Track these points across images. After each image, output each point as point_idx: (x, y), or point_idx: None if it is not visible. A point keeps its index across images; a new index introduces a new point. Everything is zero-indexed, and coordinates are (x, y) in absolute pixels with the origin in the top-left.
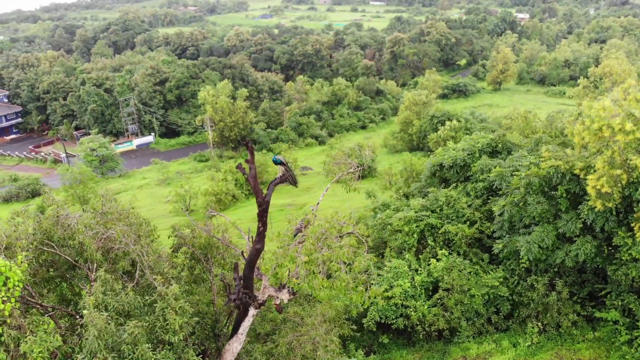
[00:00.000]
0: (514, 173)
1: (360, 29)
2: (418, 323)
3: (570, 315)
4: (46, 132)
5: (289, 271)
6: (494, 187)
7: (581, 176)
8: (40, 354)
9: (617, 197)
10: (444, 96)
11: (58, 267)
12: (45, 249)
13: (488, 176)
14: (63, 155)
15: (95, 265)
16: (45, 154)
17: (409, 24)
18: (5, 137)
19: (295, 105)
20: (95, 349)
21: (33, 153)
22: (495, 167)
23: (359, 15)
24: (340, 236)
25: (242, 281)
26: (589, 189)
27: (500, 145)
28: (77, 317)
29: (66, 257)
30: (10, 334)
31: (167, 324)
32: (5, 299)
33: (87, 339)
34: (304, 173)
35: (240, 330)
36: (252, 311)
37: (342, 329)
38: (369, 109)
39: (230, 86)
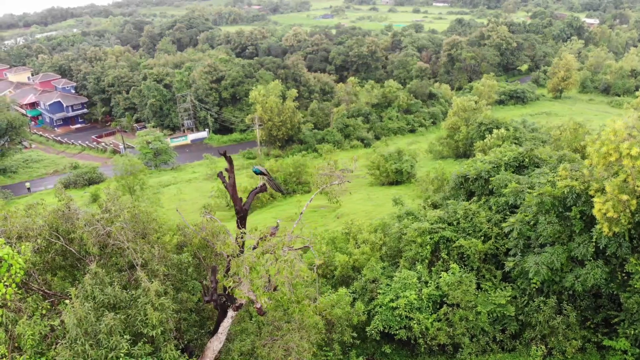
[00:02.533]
0: (529, 190)
1: (420, 30)
2: (420, 336)
3: (574, 342)
4: (109, 123)
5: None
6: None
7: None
8: (32, 336)
9: (625, 223)
10: (500, 102)
11: (68, 257)
12: (52, 239)
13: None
14: (121, 146)
15: (95, 258)
16: (106, 144)
17: (470, 27)
18: (71, 127)
19: (343, 107)
20: (74, 336)
21: (95, 143)
22: (511, 183)
23: (421, 17)
24: (299, 249)
25: (217, 284)
26: (595, 212)
27: (527, 160)
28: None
29: (71, 248)
30: (8, 316)
31: (146, 318)
32: (7, 284)
33: (68, 326)
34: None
35: (220, 330)
36: (230, 313)
37: (342, 335)
38: (419, 113)
39: (280, 86)
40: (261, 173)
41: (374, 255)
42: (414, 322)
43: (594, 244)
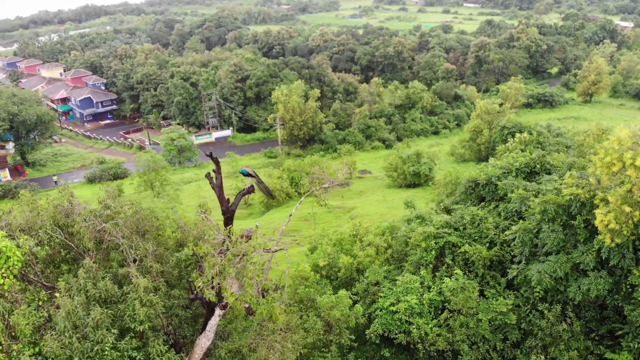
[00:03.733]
0: (532, 198)
1: (449, 31)
2: (419, 341)
3: (575, 353)
4: (137, 119)
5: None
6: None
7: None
8: (26, 326)
9: (627, 234)
10: (528, 105)
11: (71, 251)
12: (52, 234)
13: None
14: (147, 142)
15: (93, 253)
16: (133, 140)
17: (499, 28)
18: (100, 122)
19: (365, 108)
20: (62, 328)
21: (122, 138)
22: (518, 189)
23: (451, 17)
24: (273, 251)
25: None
26: (597, 223)
27: (538, 166)
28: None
29: (70, 243)
30: (5, 306)
31: (135, 314)
32: (5, 275)
33: (57, 318)
34: (362, 176)
35: (208, 328)
36: (217, 311)
37: (341, 337)
38: (443, 114)
39: (303, 86)
40: (249, 175)
41: (379, 258)
42: (414, 326)
43: (596, 254)
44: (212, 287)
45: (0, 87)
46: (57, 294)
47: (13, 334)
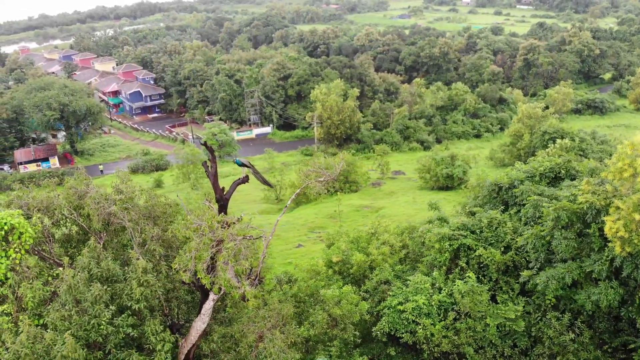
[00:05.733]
0: (545, 204)
1: (500, 32)
2: (424, 341)
3: None
4: (183, 114)
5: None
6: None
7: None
8: (31, 299)
9: (638, 242)
10: (577, 111)
11: (87, 233)
12: (66, 214)
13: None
14: (190, 136)
15: (103, 234)
16: (177, 134)
17: (551, 31)
18: (148, 115)
19: (405, 108)
20: (64, 301)
21: (167, 132)
22: (534, 194)
23: (502, 19)
24: (251, 239)
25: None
26: (606, 231)
27: (563, 172)
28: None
29: (82, 224)
30: (15, 279)
31: (132, 293)
32: (17, 250)
33: (60, 292)
34: (394, 177)
35: (202, 312)
36: (212, 296)
37: (345, 332)
38: (486, 117)
39: (342, 85)
40: (244, 165)
41: (393, 257)
42: (420, 327)
43: (608, 263)
44: (187, 271)
45: (52, 79)
46: (60, 269)
47: (23, 305)
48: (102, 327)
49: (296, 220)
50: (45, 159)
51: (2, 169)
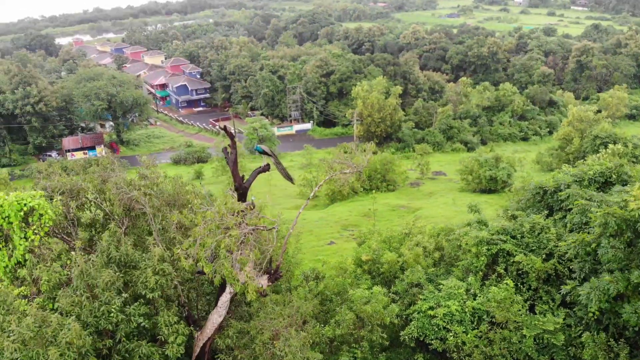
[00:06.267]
0: (592, 210)
1: (552, 34)
2: (455, 350)
3: None
4: (227, 108)
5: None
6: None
7: None
8: (46, 282)
9: None
10: (631, 117)
11: (110, 217)
12: (90, 198)
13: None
14: (233, 130)
15: (125, 220)
16: (220, 128)
17: (607, 33)
18: (193, 109)
19: (449, 107)
20: (77, 285)
21: (211, 125)
22: (580, 198)
23: (556, 20)
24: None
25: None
26: None
27: (614, 176)
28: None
29: (105, 209)
30: (32, 261)
31: (147, 281)
32: (36, 231)
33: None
34: (435, 178)
35: (219, 304)
36: (229, 288)
37: (372, 334)
38: (535, 120)
39: (384, 83)
40: (264, 153)
41: (427, 259)
42: (451, 334)
43: None
44: (189, 257)
45: (101, 69)
46: (72, 252)
47: (38, 288)
48: (112, 314)
49: (330, 217)
50: (92, 148)
51: (50, 156)
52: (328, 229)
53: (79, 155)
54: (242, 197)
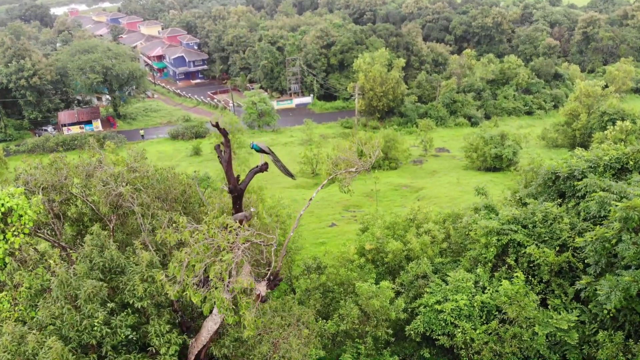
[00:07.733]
0: (614, 202)
1: (558, 3)
2: (463, 346)
3: None
4: (225, 81)
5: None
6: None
7: None
8: (27, 289)
9: None
10: (637, 90)
11: (97, 213)
12: (74, 193)
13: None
14: (231, 104)
15: (114, 217)
16: (218, 101)
17: (613, 4)
18: (191, 81)
19: (453, 81)
20: (56, 296)
21: (209, 98)
22: (599, 190)
23: None
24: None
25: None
26: None
27: (631, 163)
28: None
29: (91, 205)
30: (13, 265)
31: (134, 289)
32: (15, 233)
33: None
34: (438, 155)
35: (214, 311)
36: (225, 295)
37: (377, 329)
38: (540, 94)
39: (387, 55)
40: (261, 150)
41: (433, 248)
42: (459, 330)
43: None
44: (175, 283)
45: (96, 41)
46: (50, 260)
47: (16, 296)
48: (95, 328)
49: (331, 197)
50: (89, 122)
51: (46, 130)
52: (329, 209)
53: (75, 129)
54: (237, 200)
